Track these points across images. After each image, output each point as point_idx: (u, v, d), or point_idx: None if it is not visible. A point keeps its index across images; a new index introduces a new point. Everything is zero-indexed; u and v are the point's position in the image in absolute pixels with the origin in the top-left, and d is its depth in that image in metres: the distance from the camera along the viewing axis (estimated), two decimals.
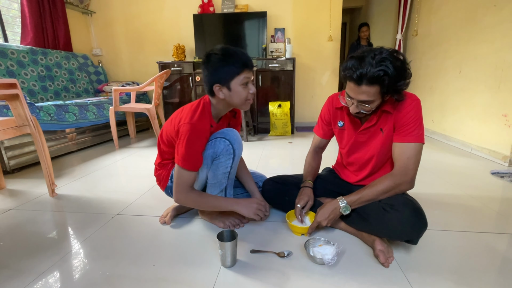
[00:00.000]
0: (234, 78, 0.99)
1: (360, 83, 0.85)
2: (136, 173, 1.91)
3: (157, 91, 2.72)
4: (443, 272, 0.87)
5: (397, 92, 0.88)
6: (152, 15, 3.52)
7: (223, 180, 1.10)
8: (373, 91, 0.85)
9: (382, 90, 0.85)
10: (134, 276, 0.88)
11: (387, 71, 0.81)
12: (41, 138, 1.47)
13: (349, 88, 0.90)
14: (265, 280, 0.85)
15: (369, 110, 0.92)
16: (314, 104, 3.64)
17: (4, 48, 2.42)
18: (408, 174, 0.93)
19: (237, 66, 0.98)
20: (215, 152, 1.04)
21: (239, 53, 0.99)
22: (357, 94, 0.88)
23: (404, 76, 0.85)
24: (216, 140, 1.04)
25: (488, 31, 2.13)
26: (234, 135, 1.06)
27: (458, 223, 1.18)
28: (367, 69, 0.82)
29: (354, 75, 0.84)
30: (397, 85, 0.84)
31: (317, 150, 1.27)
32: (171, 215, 1.22)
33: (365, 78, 0.83)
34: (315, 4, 3.34)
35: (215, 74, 1.00)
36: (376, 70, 0.81)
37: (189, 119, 0.99)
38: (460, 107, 2.48)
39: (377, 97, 0.88)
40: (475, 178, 1.74)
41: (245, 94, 1.02)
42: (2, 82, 1.28)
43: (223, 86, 1.00)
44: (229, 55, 0.99)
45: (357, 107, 0.92)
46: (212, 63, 0.99)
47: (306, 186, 1.17)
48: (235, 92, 1.01)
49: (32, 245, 1.06)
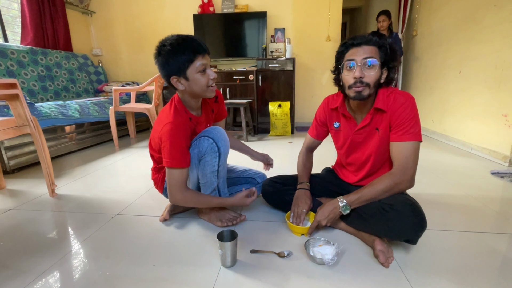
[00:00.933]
0: (188, 67, 0.97)
1: (360, 44, 0.93)
2: (136, 173, 1.92)
3: (157, 91, 2.72)
4: (443, 272, 0.87)
5: (392, 63, 0.94)
6: (152, 15, 3.52)
7: (213, 179, 1.10)
8: (374, 50, 0.92)
9: (380, 53, 0.92)
10: (134, 276, 0.88)
11: (382, 38, 0.93)
12: (41, 138, 1.47)
13: (351, 54, 0.94)
14: (265, 280, 0.85)
15: (372, 76, 0.92)
16: (314, 104, 3.64)
17: (4, 48, 2.42)
18: (408, 173, 0.93)
19: (189, 53, 0.95)
20: (200, 151, 1.04)
21: (188, 40, 0.97)
22: (360, 53, 0.92)
23: (396, 49, 0.95)
24: (200, 139, 1.04)
25: (488, 31, 2.13)
26: (218, 132, 1.05)
27: (458, 223, 1.18)
28: (364, 36, 0.93)
29: (353, 41, 0.94)
30: (391, 51, 0.93)
31: (309, 150, 1.28)
32: (169, 210, 1.24)
33: (363, 40, 0.93)
34: (315, 4, 3.34)
35: (168, 66, 0.97)
36: (372, 35, 0.93)
37: (165, 119, 1.01)
38: (460, 107, 2.48)
39: (377, 59, 0.92)
40: (475, 178, 1.74)
41: (205, 81, 1.00)
42: (2, 82, 1.28)
43: (180, 77, 0.99)
44: (178, 44, 0.96)
45: (362, 70, 0.92)
46: (163, 56, 0.97)
47: (304, 188, 1.18)
48: (193, 81, 0.99)
49: (32, 245, 1.06)
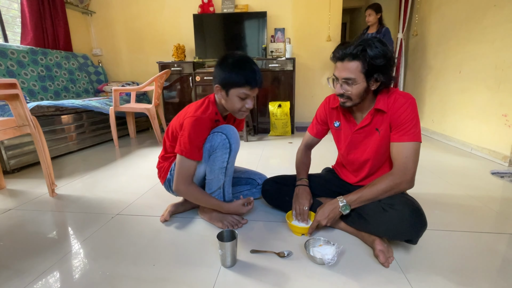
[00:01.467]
0: (233, 88, 1.03)
1: (343, 59, 0.92)
2: (136, 173, 1.91)
3: (157, 91, 2.72)
4: (443, 272, 0.87)
5: (380, 72, 0.91)
6: (152, 15, 3.52)
7: (220, 175, 1.11)
8: (354, 67, 0.91)
9: (364, 67, 0.90)
10: (134, 276, 0.88)
11: (366, 47, 0.88)
12: (41, 138, 1.47)
13: (335, 69, 0.97)
14: (265, 280, 0.85)
15: (351, 92, 0.94)
16: (314, 104, 3.63)
17: (4, 48, 2.42)
18: (408, 173, 0.93)
19: (241, 78, 1.02)
20: (212, 146, 1.07)
21: (248, 69, 1.02)
22: (340, 71, 0.94)
23: (385, 55, 0.89)
24: (213, 134, 1.07)
25: (488, 31, 2.13)
26: (231, 130, 1.09)
27: (458, 223, 1.18)
28: (349, 48, 0.91)
29: (338, 54, 0.93)
30: (376, 62, 0.88)
31: (307, 148, 1.29)
32: (170, 211, 1.24)
33: (347, 54, 0.91)
34: (315, 4, 3.34)
35: (221, 75, 1.04)
36: (357, 46, 0.89)
37: (193, 112, 1.05)
38: (460, 107, 2.48)
39: (359, 76, 0.91)
40: (475, 178, 1.74)
41: (239, 106, 1.07)
42: (2, 82, 1.28)
43: (222, 90, 1.05)
44: (239, 65, 1.02)
45: (341, 87, 0.95)
46: (223, 65, 1.04)
47: (303, 184, 1.18)
48: (230, 99, 1.06)
49: (32, 245, 1.06)
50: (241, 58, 1.04)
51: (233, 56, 1.04)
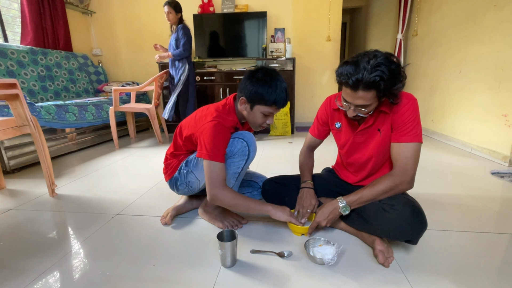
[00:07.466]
0: (260, 104, 1.03)
1: (357, 88, 0.84)
2: (136, 173, 1.91)
3: (157, 91, 2.73)
4: (443, 272, 0.87)
5: (393, 95, 0.88)
6: (152, 15, 3.52)
7: (232, 180, 1.11)
8: (369, 96, 0.85)
9: (379, 94, 0.85)
10: (134, 276, 0.88)
11: (383, 76, 0.80)
12: (41, 138, 1.47)
13: (346, 93, 0.90)
14: (265, 280, 0.85)
15: (366, 113, 0.92)
16: (314, 104, 3.63)
17: (4, 48, 2.42)
18: (407, 174, 0.93)
19: (270, 98, 1.01)
20: (231, 151, 1.06)
21: (279, 88, 1.01)
22: (354, 99, 0.88)
23: (400, 79, 0.85)
24: (234, 140, 1.06)
25: (488, 31, 2.13)
26: (252, 138, 1.09)
27: (458, 223, 1.18)
28: (363, 75, 0.81)
29: (350, 81, 0.84)
30: (393, 88, 0.85)
31: (310, 149, 1.28)
32: (171, 215, 1.22)
33: (361, 83, 0.82)
34: (315, 4, 3.34)
35: (249, 89, 1.02)
36: (372, 75, 0.80)
37: (214, 113, 1.03)
38: (460, 107, 2.48)
39: (373, 101, 0.88)
40: (475, 178, 1.74)
41: (260, 121, 1.07)
42: (2, 82, 1.28)
43: (247, 103, 1.05)
44: (270, 83, 1.01)
45: (354, 111, 0.92)
46: (253, 78, 1.02)
47: (308, 187, 1.17)
48: (253, 114, 1.06)
49: (32, 245, 1.06)
50: (273, 76, 1.02)
51: (265, 71, 1.03)
